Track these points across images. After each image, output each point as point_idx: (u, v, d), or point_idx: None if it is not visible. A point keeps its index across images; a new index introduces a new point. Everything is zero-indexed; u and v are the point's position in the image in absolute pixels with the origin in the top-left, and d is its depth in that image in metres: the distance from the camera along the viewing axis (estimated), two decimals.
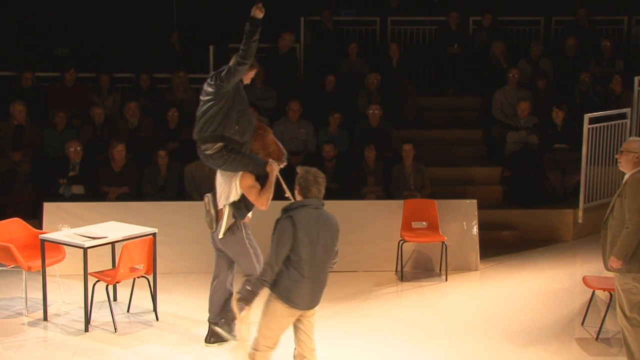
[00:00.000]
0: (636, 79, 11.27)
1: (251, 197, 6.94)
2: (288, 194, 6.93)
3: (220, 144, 6.84)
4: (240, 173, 6.95)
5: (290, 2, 13.24)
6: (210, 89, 6.86)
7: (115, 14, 14.29)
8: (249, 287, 5.82)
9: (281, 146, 7.28)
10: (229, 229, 6.99)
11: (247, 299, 5.74)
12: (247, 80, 7.04)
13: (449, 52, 13.27)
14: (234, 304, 5.90)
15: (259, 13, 6.65)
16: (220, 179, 7.10)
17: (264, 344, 5.77)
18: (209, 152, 6.89)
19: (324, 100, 11.91)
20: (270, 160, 7.03)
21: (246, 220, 7.12)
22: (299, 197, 5.77)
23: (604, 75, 12.52)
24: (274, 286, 5.66)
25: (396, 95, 12.48)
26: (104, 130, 11.23)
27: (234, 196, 6.98)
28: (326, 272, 5.77)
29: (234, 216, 6.99)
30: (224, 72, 6.78)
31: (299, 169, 5.83)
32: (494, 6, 13.93)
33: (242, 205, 6.99)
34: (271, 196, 6.98)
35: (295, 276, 5.61)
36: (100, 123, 11.24)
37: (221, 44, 12.99)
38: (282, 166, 7.16)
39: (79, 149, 10.33)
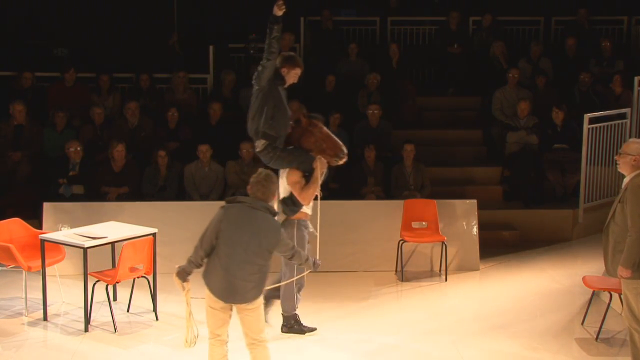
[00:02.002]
0: (636, 79, 11.27)
1: (295, 193, 7.12)
2: (319, 193, 7.16)
3: (264, 141, 7.04)
4: (287, 169, 7.14)
5: (290, 2, 13.23)
6: (253, 90, 7.11)
7: (115, 14, 14.29)
8: (184, 264, 6.04)
9: (338, 142, 7.27)
10: (281, 225, 7.10)
11: (179, 274, 6.01)
12: (292, 79, 7.21)
13: (449, 52, 13.27)
14: (174, 278, 6.08)
15: (277, 10, 6.86)
16: (280, 174, 7.34)
17: (209, 331, 6.04)
18: (257, 149, 7.14)
19: (324, 100, 11.91)
20: (319, 157, 7.13)
21: (301, 216, 7.20)
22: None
23: (604, 75, 12.52)
24: (204, 272, 5.93)
25: (396, 95, 12.48)
26: (104, 130, 11.23)
27: (283, 192, 7.17)
28: (251, 270, 5.83)
29: (284, 212, 7.13)
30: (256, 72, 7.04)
31: (259, 170, 6.07)
32: (494, 6, 13.94)
33: (289, 202, 7.14)
34: (315, 193, 7.09)
35: (216, 265, 5.85)
36: (100, 123, 11.23)
37: (221, 44, 13.00)
38: (340, 162, 7.30)
39: (79, 149, 10.33)
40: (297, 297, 7.40)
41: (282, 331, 7.52)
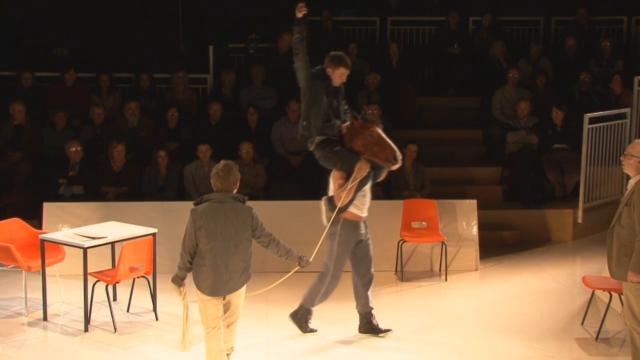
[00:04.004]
0: (636, 79, 11.27)
1: (333, 192, 7.19)
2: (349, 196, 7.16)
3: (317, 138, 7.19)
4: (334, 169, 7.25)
5: (290, 2, 13.25)
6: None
7: (116, 14, 14.29)
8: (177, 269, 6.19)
9: (391, 147, 7.21)
10: (330, 222, 7.24)
11: (174, 280, 6.17)
12: (338, 79, 7.27)
13: (449, 52, 13.27)
14: (170, 284, 6.22)
15: (297, 13, 7.02)
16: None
17: (205, 327, 6.15)
18: (310, 147, 7.26)
19: None
20: (361, 161, 7.12)
21: (347, 216, 7.21)
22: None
23: (604, 75, 12.52)
24: (193, 276, 6.08)
25: (396, 95, 12.48)
26: (103, 130, 11.24)
27: (330, 191, 7.26)
28: (234, 261, 6.01)
29: (330, 209, 7.18)
30: None
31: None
32: (494, 6, 13.94)
33: (333, 199, 7.19)
34: (350, 195, 7.11)
35: (201, 265, 6.02)
36: (100, 123, 11.24)
37: (221, 44, 13.00)
38: (393, 168, 7.30)
39: (79, 149, 10.33)
40: (320, 298, 7.43)
41: (289, 315, 7.56)
